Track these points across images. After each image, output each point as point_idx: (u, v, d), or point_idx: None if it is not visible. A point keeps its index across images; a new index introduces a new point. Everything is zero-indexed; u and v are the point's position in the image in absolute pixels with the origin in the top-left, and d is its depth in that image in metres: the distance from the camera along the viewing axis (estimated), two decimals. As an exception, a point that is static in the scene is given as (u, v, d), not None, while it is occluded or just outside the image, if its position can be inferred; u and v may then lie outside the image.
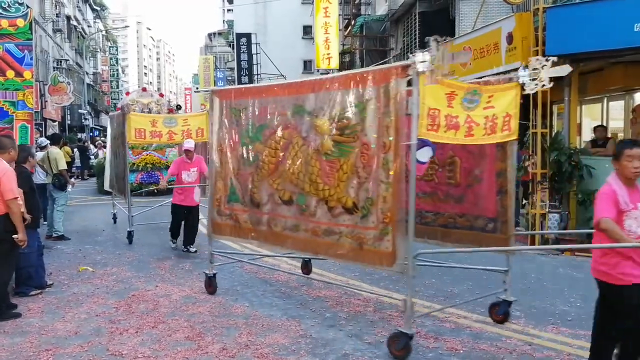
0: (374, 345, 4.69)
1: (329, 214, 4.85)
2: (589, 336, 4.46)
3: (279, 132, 5.37)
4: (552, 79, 4.68)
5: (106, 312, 5.63)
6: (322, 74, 28.68)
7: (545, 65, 4.64)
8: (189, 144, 8.71)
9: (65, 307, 5.81)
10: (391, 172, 4.34)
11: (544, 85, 4.63)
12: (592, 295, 3.88)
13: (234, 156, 5.93)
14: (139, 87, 18.94)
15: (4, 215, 5.32)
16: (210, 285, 6.31)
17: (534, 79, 4.64)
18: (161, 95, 20.11)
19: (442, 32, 4.46)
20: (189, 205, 8.63)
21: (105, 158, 18.71)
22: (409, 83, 4.17)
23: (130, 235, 9.38)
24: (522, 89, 4.73)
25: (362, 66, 20.89)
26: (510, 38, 9.28)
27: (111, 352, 4.55)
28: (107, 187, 11.94)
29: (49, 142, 10.18)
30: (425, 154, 4.50)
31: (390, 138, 4.34)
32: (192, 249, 8.66)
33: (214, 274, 6.33)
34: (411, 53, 4.50)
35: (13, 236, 5.35)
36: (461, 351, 4.56)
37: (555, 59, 4.70)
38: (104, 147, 22.91)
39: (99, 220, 12.17)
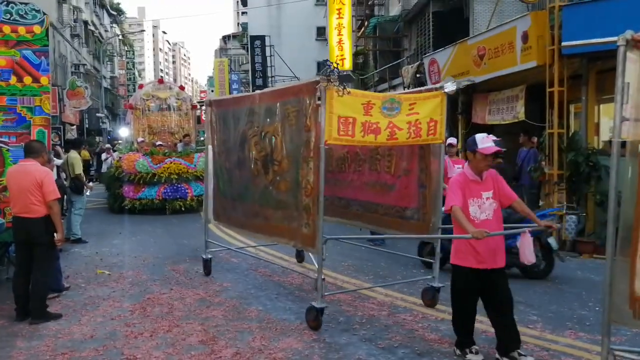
0: (387, 350, 4.65)
1: None
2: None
3: None
4: (570, 78, 4.89)
5: (122, 315, 5.67)
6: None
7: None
8: (487, 143, 4.30)
9: (82, 310, 5.87)
10: None
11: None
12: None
13: None
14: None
15: (46, 217, 5.52)
16: None
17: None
18: (182, 88, 17.64)
19: (456, 32, 4.47)
20: (492, 267, 4.31)
21: (114, 166, 14.43)
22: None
23: (317, 313, 5.12)
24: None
25: (375, 68, 20.81)
26: (525, 37, 9.16)
27: (126, 355, 4.57)
28: (211, 217, 7.50)
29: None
30: None
31: None
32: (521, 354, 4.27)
33: None
34: (425, 54, 4.61)
35: (54, 234, 5.58)
36: (476, 356, 4.50)
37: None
38: (112, 150, 21.41)
39: (116, 223, 12.29)
